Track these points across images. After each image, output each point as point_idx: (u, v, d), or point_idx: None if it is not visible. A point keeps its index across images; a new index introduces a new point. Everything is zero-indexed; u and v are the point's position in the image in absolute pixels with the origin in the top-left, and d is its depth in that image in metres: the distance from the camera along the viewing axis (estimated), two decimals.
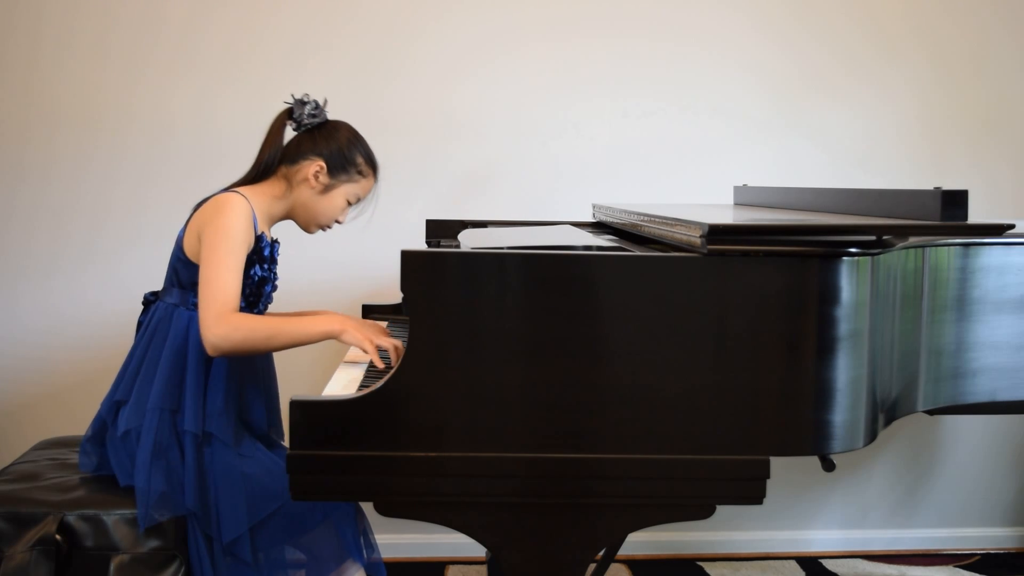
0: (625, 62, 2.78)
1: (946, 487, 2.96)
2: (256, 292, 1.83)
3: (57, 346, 2.68)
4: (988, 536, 2.97)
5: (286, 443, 1.94)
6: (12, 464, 1.93)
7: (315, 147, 1.86)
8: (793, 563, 2.85)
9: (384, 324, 2.05)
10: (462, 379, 1.37)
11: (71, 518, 1.68)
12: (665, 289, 1.38)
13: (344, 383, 1.62)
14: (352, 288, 2.72)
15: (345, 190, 1.89)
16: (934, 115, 2.86)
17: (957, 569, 2.83)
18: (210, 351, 1.69)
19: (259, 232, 1.81)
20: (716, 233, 1.38)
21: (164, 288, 1.85)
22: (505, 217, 2.62)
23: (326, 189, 1.87)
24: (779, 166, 2.84)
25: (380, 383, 1.38)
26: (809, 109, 2.84)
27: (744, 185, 2.57)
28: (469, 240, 1.73)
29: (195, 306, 1.78)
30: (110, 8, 2.64)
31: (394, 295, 2.07)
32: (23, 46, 2.64)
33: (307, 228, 1.94)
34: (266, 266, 1.85)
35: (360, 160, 1.89)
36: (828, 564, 2.84)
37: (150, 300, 1.88)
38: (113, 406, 1.81)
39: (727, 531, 2.89)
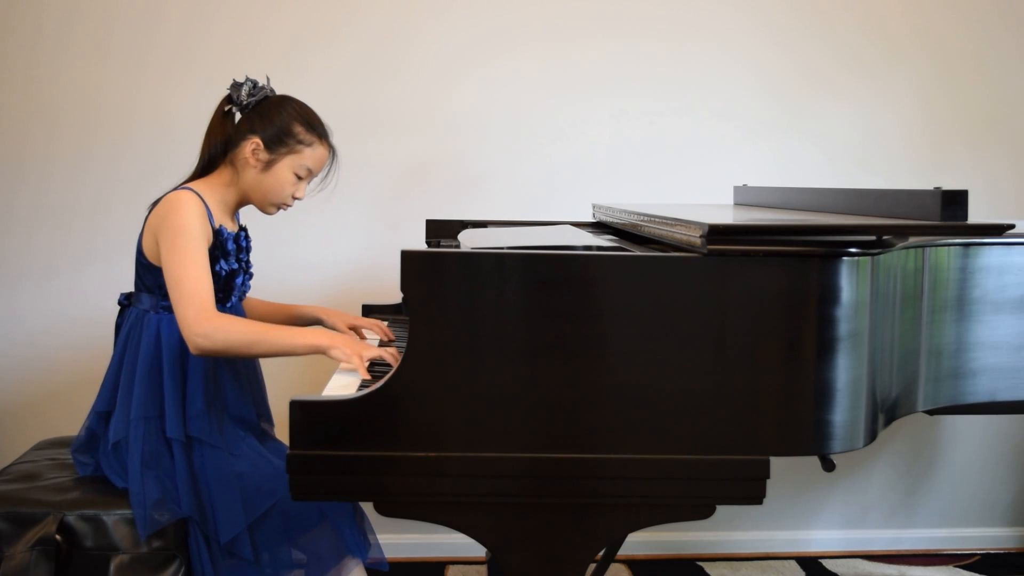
0: (625, 62, 2.78)
1: (946, 487, 2.96)
2: (226, 287, 1.81)
3: (57, 346, 2.69)
4: (988, 536, 2.97)
5: (276, 432, 1.96)
6: (12, 464, 1.93)
7: (251, 125, 1.83)
8: (793, 563, 2.85)
9: (385, 323, 2.05)
10: (462, 379, 1.37)
11: (71, 518, 1.68)
12: (665, 289, 1.38)
13: (344, 383, 1.61)
14: (352, 288, 2.72)
15: (289, 163, 1.83)
16: (934, 115, 2.86)
17: (957, 569, 2.83)
18: (193, 351, 1.68)
19: (216, 226, 1.79)
20: (716, 233, 1.38)
21: (134, 293, 1.85)
22: (505, 217, 2.62)
23: (268, 165, 1.83)
24: (779, 166, 2.84)
25: (380, 383, 1.38)
26: (809, 109, 2.84)
27: (744, 185, 2.57)
28: (469, 240, 1.73)
29: (165, 309, 1.78)
30: (110, 8, 2.64)
31: (394, 295, 2.07)
32: (23, 46, 2.64)
33: (263, 209, 1.89)
34: (231, 259, 1.83)
35: (299, 130, 1.83)
36: (828, 564, 2.84)
37: (124, 304, 1.87)
38: (99, 417, 1.81)
39: (727, 531, 2.89)
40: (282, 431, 1.64)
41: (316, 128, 1.86)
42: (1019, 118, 2.89)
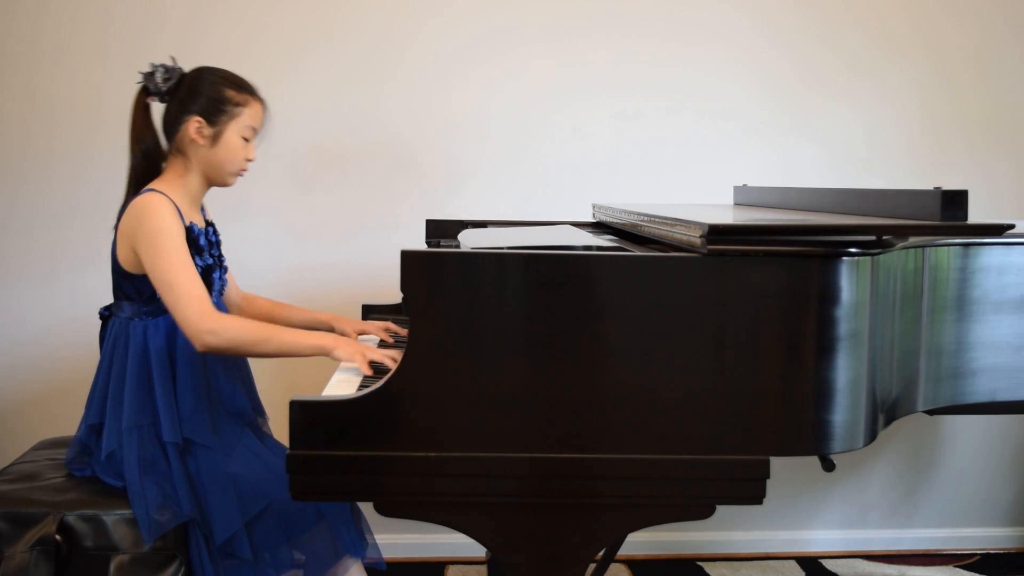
0: (624, 61, 2.78)
1: (946, 487, 2.96)
2: (205, 283, 1.80)
3: (58, 346, 2.69)
4: (988, 536, 2.97)
5: (275, 431, 1.95)
6: (12, 464, 1.93)
7: (183, 107, 1.81)
8: (793, 563, 2.85)
9: (388, 323, 2.05)
10: (462, 379, 1.37)
11: (71, 518, 1.68)
12: (665, 289, 1.38)
13: (344, 383, 1.62)
14: (352, 288, 2.72)
15: (234, 128, 1.82)
16: (935, 115, 2.86)
17: (957, 569, 2.83)
18: (200, 348, 1.68)
19: (187, 223, 1.79)
20: (716, 233, 1.38)
21: (115, 303, 1.84)
22: (504, 217, 2.61)
23: (215, 139, 1.81)
24: (779, 166, 2.84)
25: (380, 383, 1.38)
26: (810, 109, 2.84)
27: (744, 185, 2.57)
28: (469, 240, 1.73)
29: (148, 315, 1.77)
30: (110, 8, 2.64)
31: (394, 295, 2.07)
32: (23, 46, 2.64)
33: (223, 182, 1.87)
34: (205, 254, 1.83)
35: (232, 94, 1.82)
36: (828, 564, 2.84)
37: (105, 316, 1.86)
38: (90, 430, 1.80)
39: (727, 531, 2.89)
40: (281, 430, 1.64)
41: (245, 87, 1.85)
42: (1019, 118, 2.89)
